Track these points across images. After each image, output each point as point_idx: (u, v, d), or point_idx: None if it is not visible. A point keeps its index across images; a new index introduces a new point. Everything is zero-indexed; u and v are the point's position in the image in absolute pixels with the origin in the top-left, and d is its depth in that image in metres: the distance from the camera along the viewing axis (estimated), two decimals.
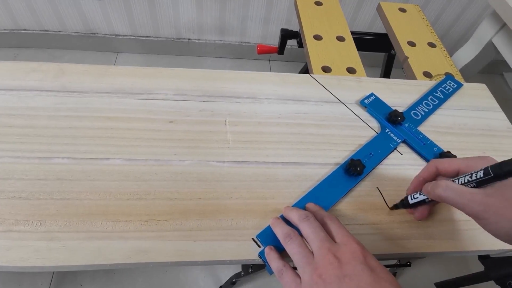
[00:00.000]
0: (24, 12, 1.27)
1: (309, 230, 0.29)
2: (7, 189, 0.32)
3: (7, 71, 0.41)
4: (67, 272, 0.93)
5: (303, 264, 0.27)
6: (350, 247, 0.27)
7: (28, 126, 0.37)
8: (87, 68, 0.43)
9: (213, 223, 0.33)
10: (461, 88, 0.50)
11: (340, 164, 0.39)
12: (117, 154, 0.36)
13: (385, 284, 0.24)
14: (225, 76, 0.46)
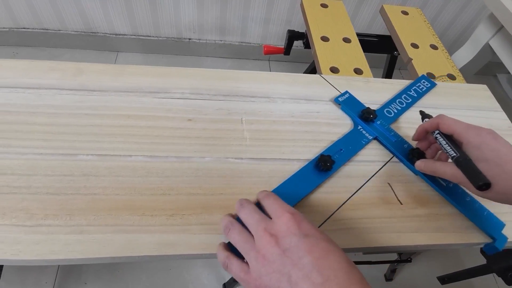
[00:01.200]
0: (24, 10, 1.26)
1: (245, 216, 0.29)
2: (34, 185, 0.33)
3: (25, 70, 0.42)
4: (71, 271, 0.93)
5: (246, 250, 0.27)
6: (283, 219, 0.27)
7: (50, 124, 0.38)
8: (104, 67, 0.44)
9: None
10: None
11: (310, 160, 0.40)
12: (139, 151, 0.37)
13: (322, 244, 0.26)
14: (238, 76, 0.47)
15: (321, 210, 0.36)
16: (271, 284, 0.25)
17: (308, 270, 0.24)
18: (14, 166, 0.34)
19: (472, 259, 1.08)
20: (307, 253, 0.25)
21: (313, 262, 0.24)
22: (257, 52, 1.51)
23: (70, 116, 0.39)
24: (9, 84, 0.40)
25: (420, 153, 0.39)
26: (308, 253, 0.25)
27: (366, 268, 1.02)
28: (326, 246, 0.25)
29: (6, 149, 0.35)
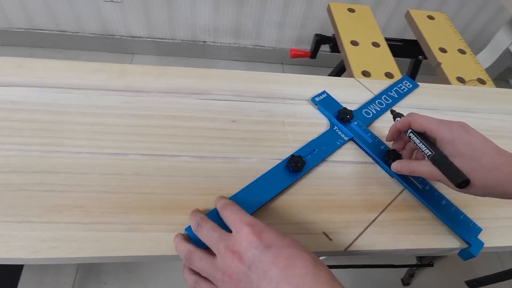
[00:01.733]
0: (41, 12, 1.28)
1: (204, 237, 0.29)
2: (89, 183, 0.34)
3: (72, 70, 0.43)
4: (90, 271, 0.93)
5: (212, 273, 0.27)
6: (242, 233, 0.26)
7: (99, 124, 0.38)
8: (147, 68, 0.45)
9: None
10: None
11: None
12: (185, 151, 0.38)
13: (286, 251, 0.25)
14: (277, 78, 0.48)
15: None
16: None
17: (276, 282, 0.24)
18: (69, 165, 0.35)
19: (500, 263, 1.08)
20: (272, 265, 0.24)
21: (279, 273, 0.24)
22: (270, 55, 1.52)
23: (118, 117, 0.40)
24: (57, 84, 0.41)
25: (396, 155, 0.39)
26: (273, 264, 0.24)
27: (382, 272, 1.02)
28: (290, 253, 0.25)
29: (59, 148, 0.36)
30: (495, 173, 0.29)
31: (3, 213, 0.31)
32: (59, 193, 0.33)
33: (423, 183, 0.38)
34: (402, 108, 0.48)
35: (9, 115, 0.37)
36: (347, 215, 0.36)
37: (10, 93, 0.39)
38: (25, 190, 0.33)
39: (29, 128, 0.37)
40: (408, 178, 0.38)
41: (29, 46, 1.39)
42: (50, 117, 0.38)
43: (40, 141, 0.36)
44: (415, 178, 0.38)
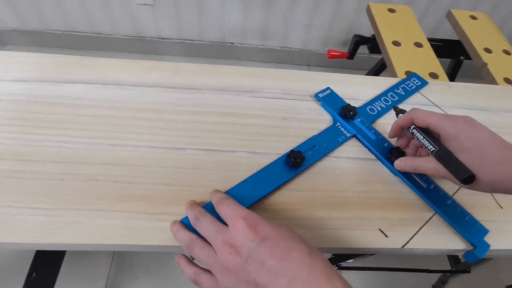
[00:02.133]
0: (78, 15, 1.33)
1: (202, 231, 0.29)
2: (152, 176, 0.35)
3: (129, 69, 0.45)
4: (124, 264, 0.96)
5: (211, 265, 0.27)
6: (238, 227, 0.27)
7: (157, 120, 0.40)
8: (199, 67, 0.47)
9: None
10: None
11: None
12: (241, 147, 0.39)
13: (281, 244, 0.25)
14: (325, 77, 0.48)
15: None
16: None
17: (273, 274, 0.24)
18: (132, 158, 0.36)
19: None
20: (268, 258, 0.25)
21: (276, 265, 0.24)
22: (297, 57, 1.53)
23: (174, 113, 0.41)
24: (117, 81, 0.43)
25: (400, 152, 0.37)
26: (269, 257, 0.25)
27: (412, 276, 1.00)
28: (286, 245, 0.25)
29: (123, 142, 0.38)
30: (501, 167, 0.28)
31: (76, 201, 0.33)
32: (125, 184, 0.35)
33: (427, 182, 0.37)
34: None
35: (75, 110, 0.40)
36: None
37: (75, 89, 0.41)
38: (94, 181, 0.34)
39: (94, 123, 0.39)
40: (411, 176, 0.37)
41: (65, 47, 1.45)
42: (112, 112, 0.40)
43: (105, 135, 0.38)
44: (419, 176, 0.37)
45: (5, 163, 0.35)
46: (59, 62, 0.44)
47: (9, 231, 0.30)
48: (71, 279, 0.92)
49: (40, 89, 0.41)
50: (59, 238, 0.31)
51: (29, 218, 0.31)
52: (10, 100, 0.39)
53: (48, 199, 0.33)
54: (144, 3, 1.28)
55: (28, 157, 0.35)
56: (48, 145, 0.36)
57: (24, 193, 0.33)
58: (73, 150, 0.36)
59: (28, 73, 0.42)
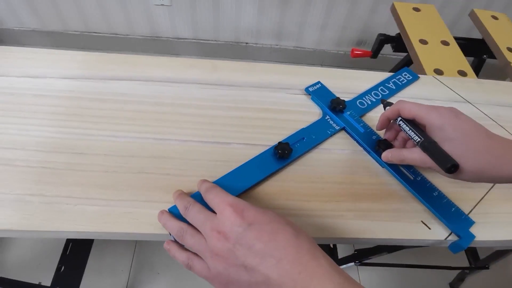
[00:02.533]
0: (96, 15, 1.35)
1: (191, 220, 0.30)
2: (200, 168, 0.37)
3: (170, 66, 0.46)
4: (145, 261, 0.98)
5: (202, 251, 0.28)
6: (225, 214, 0.27)
7: (201, 115, 0.41)
8: (235, 64, 0.48)
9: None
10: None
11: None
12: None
13: (267, 227, 0.26)
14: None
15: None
16: (230, 278, 0.26)
17: (261, 256, 0.25)
18: (180, 152, 0.38)
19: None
20: (256, 241, 0.26)
21: (263, 247, 0.25)
22: (310, 56, 1.54)
23: (216, 108, 0.42)
24: (159, 78, 0.44)
25: (388, 144, 0.38)
26: (256, 240, 0.26)
27: (428, 273, 1.00)
28: (272, 228, 0.26)
29: (168, 136, 0.39)
30: (485, 156, 0.29)
31: (129, 193, 0.34)
32: (175, 177, 0.36)
33: (414, 173, 0.38)
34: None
35: (121, 106, 0.41)
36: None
37: (120, 86, 0.43)
38: (145, 173, 0.36)
39: (140, 118, 0.40)
40: (398, 168, 0.38)
41: (83, 48, 1.47)
42: (157, 108, 0.41)
43: (152, 129, 0.39)
44: (406, 168, 0.38)
45: (62, 156, 0.36)
46: (102, 60, 0.45)
47: (73, 220, 0.32)
48: (95, 274, 0.93)
49: (87, 85, 0.42)
50: (116, 228, 0.32)
51: (88, 208, 0.33)
52: (60, 96, 0.41)
53: (104, 190, 0.34)
54: (161, 3, 1.30)
55: (82, 150, 0.37)
56: (99, 139, 0.38)
57: (81, 184, 0.34)
58: (123, 144, 0.38)
59: (75, 70, 0.44)
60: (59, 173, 0.35)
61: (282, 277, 0.24)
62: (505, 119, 0.46)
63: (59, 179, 0.35)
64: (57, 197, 0.33)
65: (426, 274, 1.02)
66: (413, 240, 0.35)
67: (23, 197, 0.33)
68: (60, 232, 0.32)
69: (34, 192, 0.34)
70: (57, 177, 0.35)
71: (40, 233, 0.32)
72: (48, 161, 0.36)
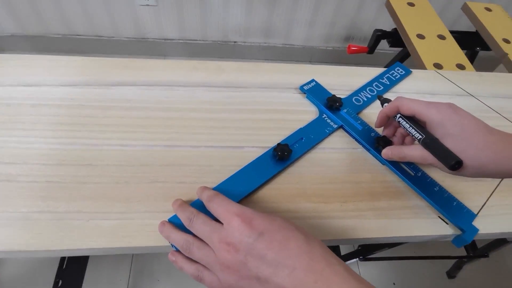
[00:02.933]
0: (79, 17, 1.31)
1: (197, 232, 0.29)
2: (217, 175, 0.35)
3: (173, 69, 0.44)
4: (144, 268, 0.96)
5: (211, 264, 0.27)
6: (233, 225, 0.26)
7: (211, 119, 0.40)
8: (240, 65, 0.47)
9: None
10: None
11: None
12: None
13: (278, 235, 0.25)
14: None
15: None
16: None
17: (274, 266, 0.24)
18: (192, 158, 0.36)
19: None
20: (267, 251, 0.25)
21: (275, 257, 0.24)
22: (299, 53, 1.54)
23: (224, 111, 0.41)
24: (163, 82, 0.43)
25: (387, 141, 0.38)
26: (268, 250, 0.25)
27: (426, 264, 1.02)
28: (283, 236, 0.25)
29: (179, 142, 0.37)
30: (486, 152, 0.29)
31: (144, 204, 0.33)
32: (190, 185, 0.34)
33: (414, 169, 0.37)
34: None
35: (127, 112, 0.39)
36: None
37: (123, 92, 0.41)
38: (159, 182, 0.34)
39: (148, 124, 0.39)
40: (399, 165, 0.37)
41: (66, 52, 1.42)
42: (164, 113, 0.40)
43: (161, 136, 0.38)
44: (406, 164, 0.38)
45: (68, 168, 0.34)
46: (102, 65, 0.43)
47: (86, 236, 0.30)
48: (93, 286, 0.90)
49: (89, 92, 0.40)
50: (136, 242, 0.31)
51: (101, 222, 0.31)
52: (61, 105, 0.39)
53: (117, 203, 0.33)
54: (147, 3, 1.27)
55: (89, 161, 0.35)
56: (107, 149, 0.36)
57: (91, 198, 0.33)
58: (132, 152, 0.36)
59: (74, 77, 0.42)
60: (66, 187, 0.33)
61: (297, 287, 0.24)
62: (509, 110, 0.47)
63: (67, 194, 0.33)
64: (67, 213, 0.32)
65: (424, 264, 1.04)
66: (418, 237, 0.34)
67: (29, 215, 0.31)
68: (75, 250, 0.30)
69: (41, 209, 0.32)
70: (65, 191, 0.33)
71: (52, 252, 0.30)
72: (53, 174, 0.34)
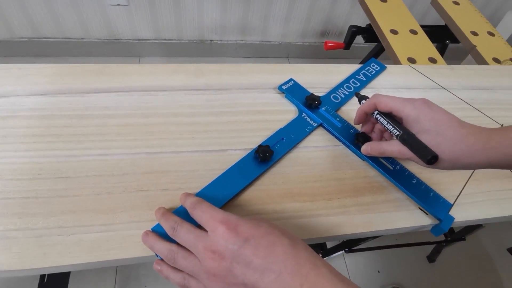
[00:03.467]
0: (46, 20, 1.25)
1: (181, 240, 0.28)
2: (202, 180, 0.35)
3: (151, 73, 0.43)
4: (130, 275, 0.94)
5: (196, 273, 0.27)
6: (218, 233, 0.26)
7: (193, 123, 0.39)
8: (220, 67, 0.46)
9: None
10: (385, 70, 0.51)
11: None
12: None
13: (263, 241, 0.25)
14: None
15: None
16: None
17: (260, 272, 0.24)
18: (176, 164, 0.36)
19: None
20: (253, 257, 0.25)
21: (261, 263, 0.25)
22: (276, 50, 1.54)
23: (206, 115, 0.41)
24: (141, 87, 0.42)
25: (366, 137, 0.38)
26: (254, 256, 0.25)
27: (407, 250, 1.06)
28: (268, 241, 0.26)
29: (161, 149, 0.37)
30: (459, 145, 0.30)
31: (128, 214, 0.32)
32: (175, 191, 0.34)
33: (393, 163, 0.38)
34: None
35: (104, 120, 0.38)
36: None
37: (100, 99, 0.40)
38: (143, 191, 0.34)
39: (128, 132, 0.37)
40: (378, 159, 0.38)
41: (34, 55, 1.36)
42: (144, 120, 0.39)
43: (142, 143, 0.37)
44: (385, 159, 0.39)
45: (45, 182, 0.33)
46: (76, 72, 0.42)
47: (68, 252, 0.29)
48: None
49: (62, 101, 0.39)
50: (122, 253, 0.30)
51: (84, 236, 0.30)
52: (32, 116, 0.37)
53: (99, 215, 0.32)
54: (118, 3, 1.23)
55: (67, 173, 0.33)
56: (85, 159, 0.35)
57: (71, 212, 0.31)
58: (113, 161, 0.35)
59: (46, 85, 0.40)
60: (44, 202, 0.32)
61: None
62: (479, 101, 0.49)
63: (45, 209, 0.31)
64: (46, 229, 0.30)
65: (406, 251, 1.08)
66: (401, 229, 0.35)
67: (6, 233, 0.30)
68: (57, 267, 0.29)
69: (18, 226, 0.30)
70: (42, 206, 0.31)
71: (33, 271, 0.29)
72: (29, 189, 0.32)
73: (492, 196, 0.39)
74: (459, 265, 1.08)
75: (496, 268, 1.09)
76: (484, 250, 1.12)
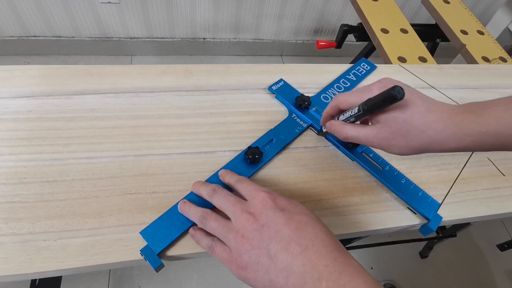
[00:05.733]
0: (36, 18, 1.23)
1: (220, 202, 0.30)
2: (188, 181, 0.35)
3: (140, 74, 0.43)
4: (123, 275, 0.93)
5: (225, 233, 0.28)
6: (258, 198, 0.28)
7: (182, 125, 0.39)
8: (210, 67, 0.46)
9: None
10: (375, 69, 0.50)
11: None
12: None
13: (298, 217, 0.26)
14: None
15: None
16: (251, 261, 0.25)
17: (286, 242, 0.25)
18: (164, 167, 0.36)
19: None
20: (284, 226, 0.25)
21: (290, 234, 0.25)
22: (270, 48, 1.54)
23: (195, 116, 0.40)
24: (129, 89, 0.41)
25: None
26: (285, 225, 0.25)
27: (399, 247, 1.07)
28: (301, 219, 0.26)
29: (149, 151, 0.36)
30: (427, 133, 0.29)
31: (116, 218, 0.32)
32: (163, 194, 0.34)
33: (383, 163, 0.39)
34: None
35: (92, 123, 0.38)
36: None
37: (87, 101, 0.39)
38: (130, 194, 0.33)
39: (115, 134, 0.37)
40: (367, 160, 0.39)
41: (24, 54, 1.34)
42: (132, 121, 0.38)
43: (130, 145, 0.36)
44: (375, 159, 0.39)
45: (31, 186, 0.32)
46: (62, 73, 0.41)
47: (55, 257, 0.29)
48: None
49: (48, 103, 0.38)
50: (109, 258, 0.30)
51: (71, 241, 0.30)
52: (18, 118, 0.36)
53: (86, 219, 0.31)
54: (108, 1, 1.21)
55: (53, 177, 0.33)
56: (72, 163, 0.34)
57: (58, 216, 0.31)
58: (100, 164, 0.35)
59: (32, 87, 0.39)
60: (30, 206, 0.31)
61: (305, 266, 0.23)
62: (468, 101, 0.49)
63: (31, 214, 0.31)
64: (32, 234, 0.30)
65: (398, 247, 1.09)
66: (390, 228, 0.35)
67: None
68: (44, 272, 0.28)
69: (4, 232, 0.30)
70: (28, 211, 0.31)
71: (20, 276, 0.28)
72: (14, 194, 0.32)
73: (479, 195, 0.40)
74: (451, 261, 1.10)
75: (486, 263, 1.11)
76: (475, 246, 1.14)
